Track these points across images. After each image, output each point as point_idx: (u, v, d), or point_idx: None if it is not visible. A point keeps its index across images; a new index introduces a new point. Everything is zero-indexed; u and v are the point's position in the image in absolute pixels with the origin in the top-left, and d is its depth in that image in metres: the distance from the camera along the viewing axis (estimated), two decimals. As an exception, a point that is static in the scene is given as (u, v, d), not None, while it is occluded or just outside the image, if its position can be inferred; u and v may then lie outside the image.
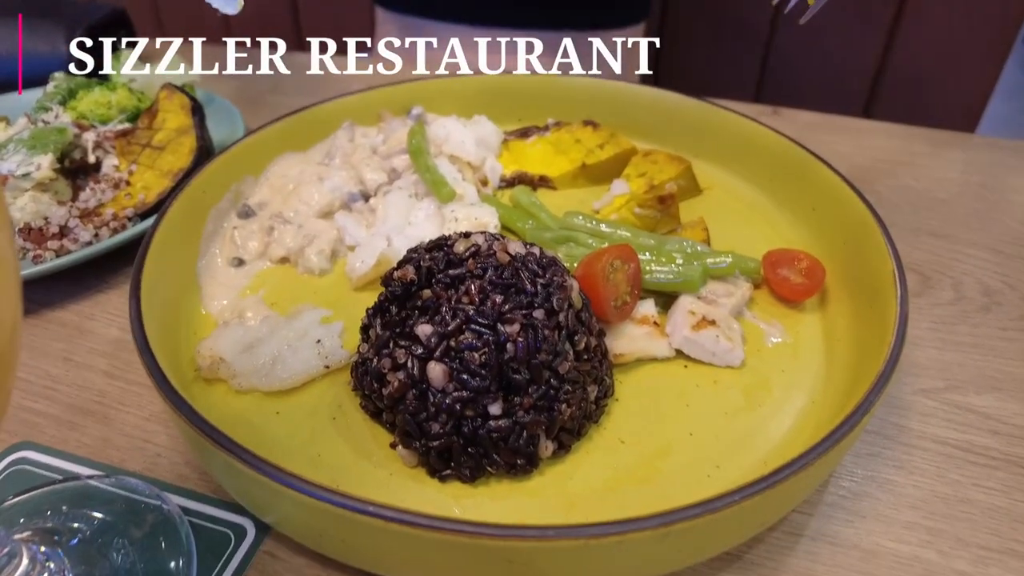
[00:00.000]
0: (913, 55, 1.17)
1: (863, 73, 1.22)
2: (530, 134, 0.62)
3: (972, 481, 0.39)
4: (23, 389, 0.45)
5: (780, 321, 0.46)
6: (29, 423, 0.42)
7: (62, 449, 0.41)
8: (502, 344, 0.34)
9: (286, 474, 0.30)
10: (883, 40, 1.15)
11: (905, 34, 1.15)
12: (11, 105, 0.70)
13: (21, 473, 0.40)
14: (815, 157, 0.53)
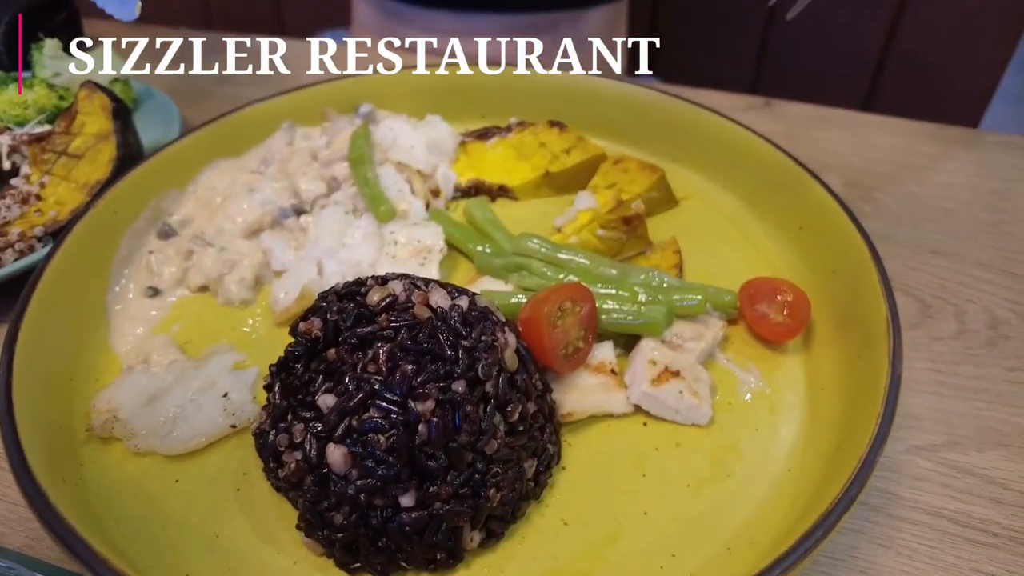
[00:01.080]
0: (919, 37, 1.09)
1: (866, 56, 1.14)
2: (490, 135, 0.56)
3: (971, 565, 0.34)
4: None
5: (757, 365, 0.40)
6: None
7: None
8: (413, 425, 0.29)
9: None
10: (888, 21, 1.07)
11: (911, 15, 1.06)
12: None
13: None
14: (805, 170, 0.47)
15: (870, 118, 0.66)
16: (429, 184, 0.53)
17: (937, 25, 1.07)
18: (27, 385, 0.35)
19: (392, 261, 0.45)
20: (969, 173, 0.60)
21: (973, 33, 1.07)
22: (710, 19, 1.23)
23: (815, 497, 0.32)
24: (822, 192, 0.45)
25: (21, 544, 0.35)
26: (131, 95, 0.64)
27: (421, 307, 0.31)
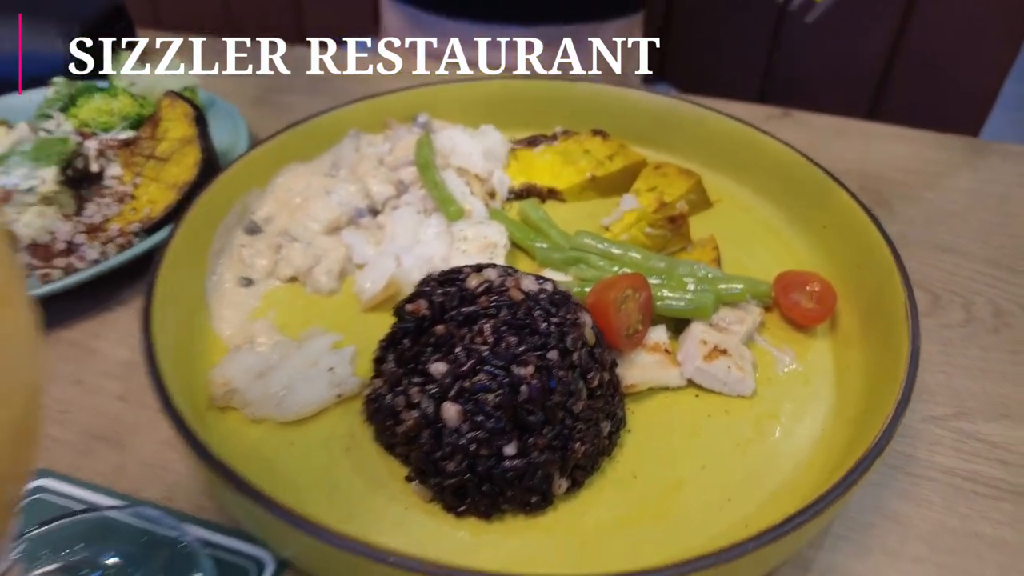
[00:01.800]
0: (924, 43, 1.16)
1: (873, 61, 1.20)
2: (538, 143, 0.62)
3: (980, 514, 0.39)
4: (35, 412, 0.45)
5: (791, 347, 0.46)
6: (45, 449, 0.43)
7: (78, 477, 0.41)
8: (516, 386, 0.34)
9: (301, 517, 0.31)
10: (895, 27, 1.14)
11: (917, 21, 1.13)
12: (9, 106, 0.69)
13: (40, 503, 0.40)
14: (827, 175, 0.52)
15: (882, 128, 0.72)
16: (486, 187, 0.58)
17: (942, 31, 1.13)
18: (160, 361, 0.40)
19: (463, 255, 0.50)
20: (975, 179, 0.65)
21: (975, 40, 1.13)
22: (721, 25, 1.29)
23: (846, 454, 0.37)
24: (844, 195, 0.51)
25: (159, 498, 0.40)
26: (199, 103, 0.70)
27: (515, 290, 0.36)
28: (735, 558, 0.29)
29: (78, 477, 0.41)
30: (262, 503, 0.31)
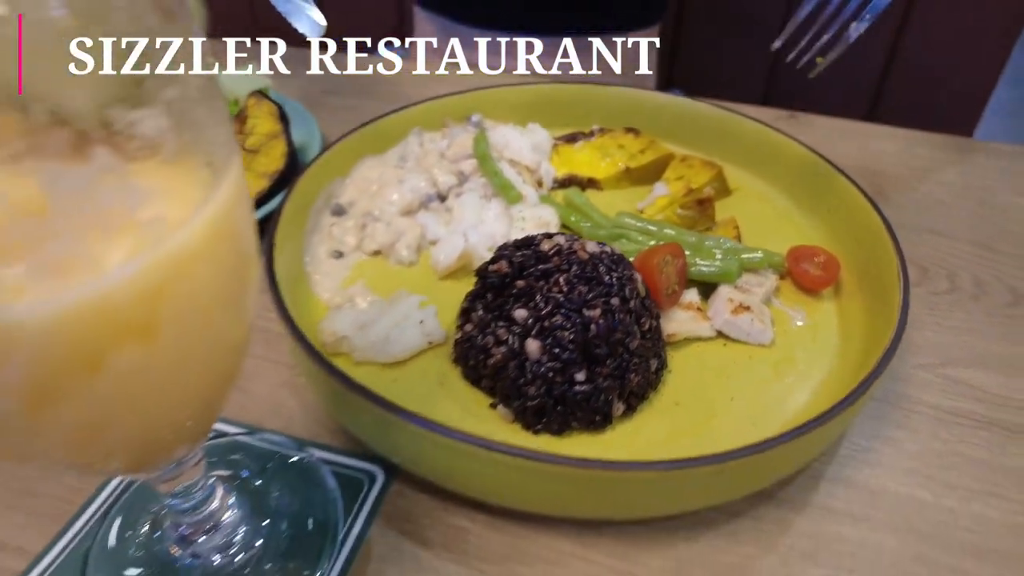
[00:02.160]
0: (919, 52, 1.25)
1: (870, 69, 1.30)
2: (577, 139, 0.71)
3: (959, 439, 0.47)
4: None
5: (802, 308, 0.54)
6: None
7: (212, 410, 0.49)
8: (587, 325, 0.42)
9: (422, 416, 0.39)
10: (890, 39, 1.23)
11: (912, 31, 1.22)
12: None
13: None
14: (831, 165, 0.61)
15: (879, 128, 0.81)
16: (535, 176, 0.67)
17: (936, 40, 1.22)
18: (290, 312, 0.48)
19: (521, 232, 0.59)
20: (961, 173, 0.74)
21: (968, 48, 1.22)
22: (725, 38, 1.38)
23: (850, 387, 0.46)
24: (846, 183, 0.59)
25: (279, 428, 0.48)
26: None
27: (581, 251, 0.45)
28: (764, 450, 0.37)
29: (212, 410, 0.50)
30: (387, 406, 0.39)
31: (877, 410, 0.49)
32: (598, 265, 0.44)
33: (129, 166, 0.23)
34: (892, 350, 0.45)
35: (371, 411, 0.40)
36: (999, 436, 0.48)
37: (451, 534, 0.41)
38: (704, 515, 0.42)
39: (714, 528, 0.42)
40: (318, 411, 0.49)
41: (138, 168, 0.23)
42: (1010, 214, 0.69)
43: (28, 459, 0.29)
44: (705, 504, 0.41)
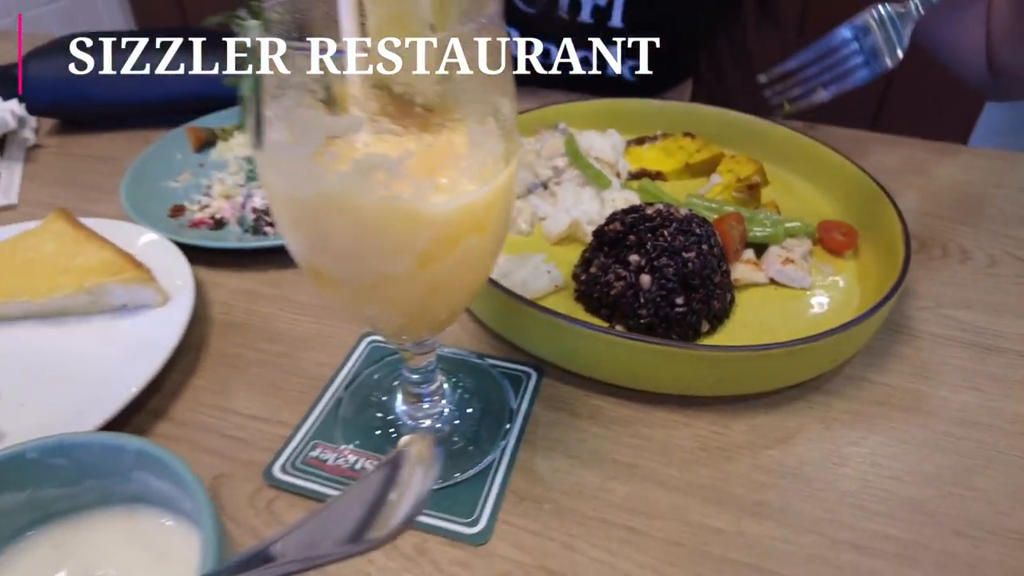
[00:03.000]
0: (912, 79, 1.44)
1: (871, 92, 1.49)
2: (644, 142, 0.88)
3: (950, 354, 0.65)
4: (348, 304, 0.70)
5: (830, 264, 0.72)
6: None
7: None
8: (685, 263, 0.60)
9: (585, 321, 0.56)
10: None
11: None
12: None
13: (376, 347, 0.66)
14: (848, 160, 0.79)
15: (883, 136, 0.99)
16: (614, 170, 0.84)
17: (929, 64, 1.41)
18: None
19: (612, 210, 0.76)
20: (950, 171, 0.92)
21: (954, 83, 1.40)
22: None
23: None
24: (860, 173, 0.77)
25: (450, 344, 0.65)
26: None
27: (676, 213, 0.62)
28: (827, 336, 0.55)
29: (394, 336, 0.66)
30: (554, 314, 0.56)
31: (889, 335, 0.66)
32: (691, 222, 0.62)
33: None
34: (900, 282, 0.62)
35: (539, 319, 0.57)
36: (979, 352, 0.65)
37: (592, 410, 0.58)
38: (772, 397, 0.59)
39: (779, 406, 0.59)
40: (477, 332, 0.66)
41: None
42: (987, 200, 0.87)
43: (391, 309, 0.45)
44: (772, 386, 0.58)
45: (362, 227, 0.38)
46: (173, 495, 0.41)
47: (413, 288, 0.41)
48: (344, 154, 0.36)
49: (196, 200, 0.83)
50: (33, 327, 0.65)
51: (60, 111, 1.03)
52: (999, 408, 0.59)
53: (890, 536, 0.49)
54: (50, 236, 0.70)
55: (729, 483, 0.52)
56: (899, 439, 0.56)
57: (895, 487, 0.52)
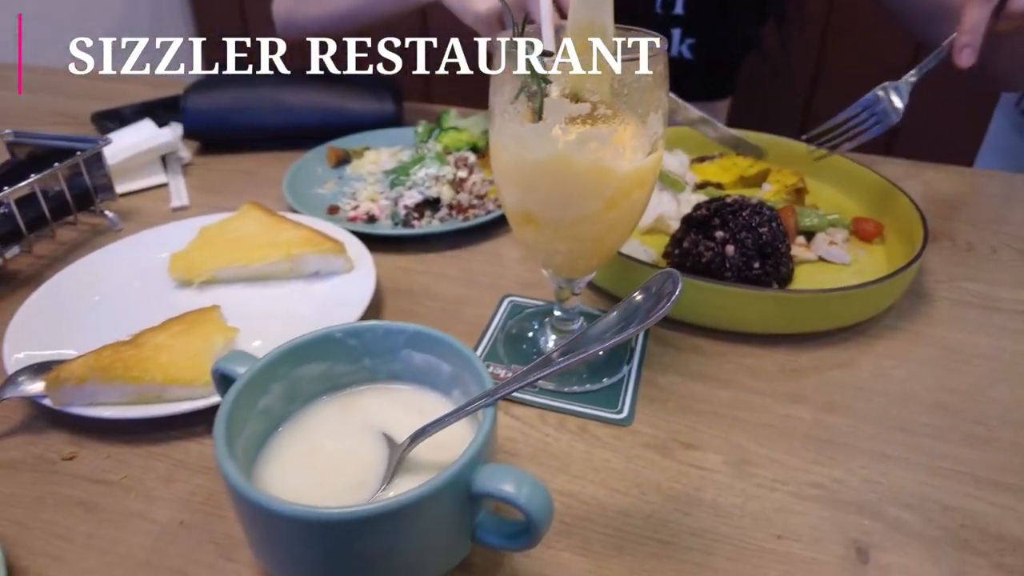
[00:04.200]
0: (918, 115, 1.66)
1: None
2: (704, 160, 1.09)
3: (962, 312, 0.83)
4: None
5: (863, 248, 0.91)
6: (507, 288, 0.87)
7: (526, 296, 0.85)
8: (761, 236, 0.79)
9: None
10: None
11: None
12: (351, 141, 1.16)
13: (515, 305, 0.84)
14: (873, 172, 0.99)
15: (894, 160, 1.20)
16: (683, 180, 1.04)
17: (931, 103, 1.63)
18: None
19: (687, 208, 0.95)
20: (953, 186, 1.12)
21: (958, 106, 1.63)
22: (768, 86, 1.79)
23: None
24: (882, 180, 0.97)
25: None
26: (486, 140, 1.17)
27: (751, 201, 0.82)
28: (874, 283, 0.73)
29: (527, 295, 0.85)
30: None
31: (913, 299, 0.85)
32: (762, 206, 0.81)
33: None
34: (923, 247, 0.81)
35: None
36: (984, 311, 0.83)
37: (693, 346, 0.76)
38: (828, 337, 0.77)
39: (835, 344, 0.77)
40: (593, 297, 0.84)
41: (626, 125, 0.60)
42: (984, 206, 1.07)
43: (577, 244, 0.63)
44: (829, 325, 0.76)
45: (574, 179, 0.57)
46: (429, 368, 0.58)
47: (596, 227, 0.60)
48: (569, 129, 0.55)
49: (346, 202, 1.02)
50: (243, 288, 0.83)
51: (210, 135, 1.23)
52: (1002, 346, 0.77)
53: (927, 423, 0.67)
54: (249, 220, 0.89)
55: (804, 392, 0.70)
56: (928, 366, 0.74)
57: (927, 395, 0.70)
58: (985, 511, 0.58)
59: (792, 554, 0.54)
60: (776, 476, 0.61)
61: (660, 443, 0.64)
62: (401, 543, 0.44)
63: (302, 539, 0.44)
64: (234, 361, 0.55)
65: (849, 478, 0.61)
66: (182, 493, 0.59)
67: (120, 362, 0.63)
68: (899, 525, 0.57)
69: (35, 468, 0.62)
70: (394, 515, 0.43)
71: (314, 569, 0.46)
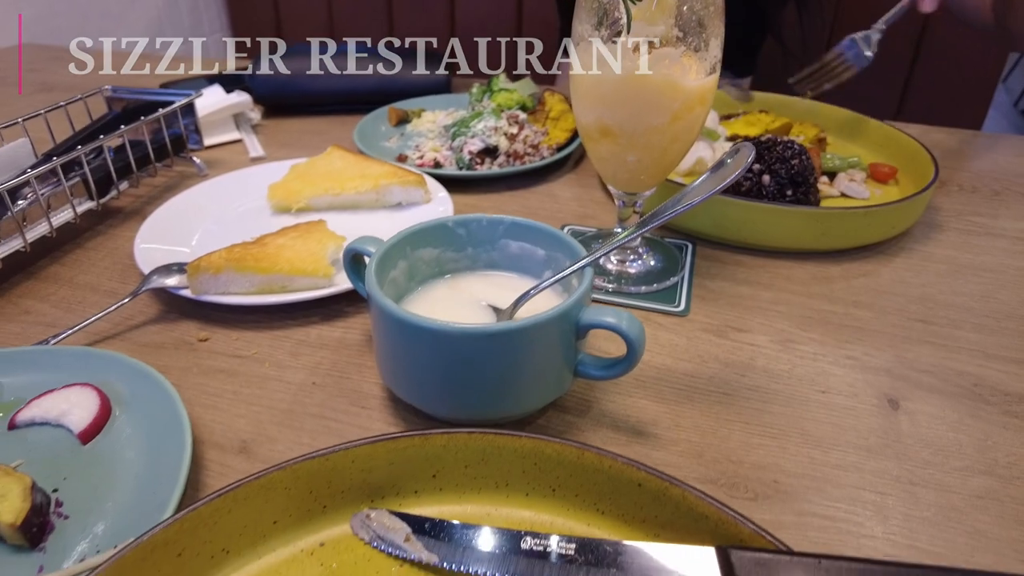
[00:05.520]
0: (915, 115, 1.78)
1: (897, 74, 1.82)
2: (731, 117, 1.20)
3: (969, 239, 0.94)
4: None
5: (879, 188, 1.02)
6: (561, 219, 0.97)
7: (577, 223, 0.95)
8: (792, 167, 0.90)
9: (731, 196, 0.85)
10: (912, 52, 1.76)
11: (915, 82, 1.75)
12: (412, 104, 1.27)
13: (574, 231, 0.94)
14: (890, 126, 1.10)
15: (904, 125, 1.31)
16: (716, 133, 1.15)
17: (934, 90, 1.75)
18: (620, 177, 0.95)
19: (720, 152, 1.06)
20: (962, 146, 1.24)
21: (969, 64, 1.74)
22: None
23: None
24: (896, 131, 1.08)
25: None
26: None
27: (782, 139, 0.93)
28: (891, 204, 0.84)
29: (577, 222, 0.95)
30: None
31: (925, 228, 0.95)
32: (792, 143, 0.92)
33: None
34: (935, 177, 0.92)
35: (699, 198, 0.86)
36: (990, 238, 0.94)
37: (735, 261, 0.87)
38: (853, 254, 0.88)
39: (859, 259, 0.87)
40: (641, 226, 0.95)
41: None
42: (989, 160, 1.18)
43: (645, 153, 0.74)
44: (855, 243, 0.87)
45: (647, 93, 0.67)
46: (523, 254, 0.69)
47: (662, 137, 0.71)
48: (645, 49, 0.66)
49: (412, 152, 1.13)
50: (334, 215, 0.94)
51: (276, 99, 1.34)
52: (1007, 263, 0.88)
53: (942, 316, 0.77)
54: (335, 159, 1.00)
55: (834, 294, 0.81)
56: (942, 276, 0.85)
57: (942, 297, 0.81)
58: (994, 376, 0.68)
59: (835, 403, 0.64)
60: (816, 351, 0.71)
61: (715, 328, 0.74)
62: (522, 361, 0.55)
63: (442, 353, 0.54)
64: (364, 242, 0.65)
65: (878, 353, 0.71)
66: (309, 363, 0.70)
67: (251, 256, 0.74)
68: (922, 384, 0.67)
69: (177, 348, 0.72)
70: (521, 332, 0.53)
71: (446, 382, 0.56)
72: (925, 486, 0.56)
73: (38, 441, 0.59)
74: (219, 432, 0.61)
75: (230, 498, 0.45)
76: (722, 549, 0.40)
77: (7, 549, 0.49)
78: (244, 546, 0.47)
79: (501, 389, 0.56)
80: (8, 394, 0.63)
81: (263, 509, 0.47)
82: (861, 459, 0.59)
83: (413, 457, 0.50)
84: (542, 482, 0.50)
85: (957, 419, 0.63)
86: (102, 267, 0.87)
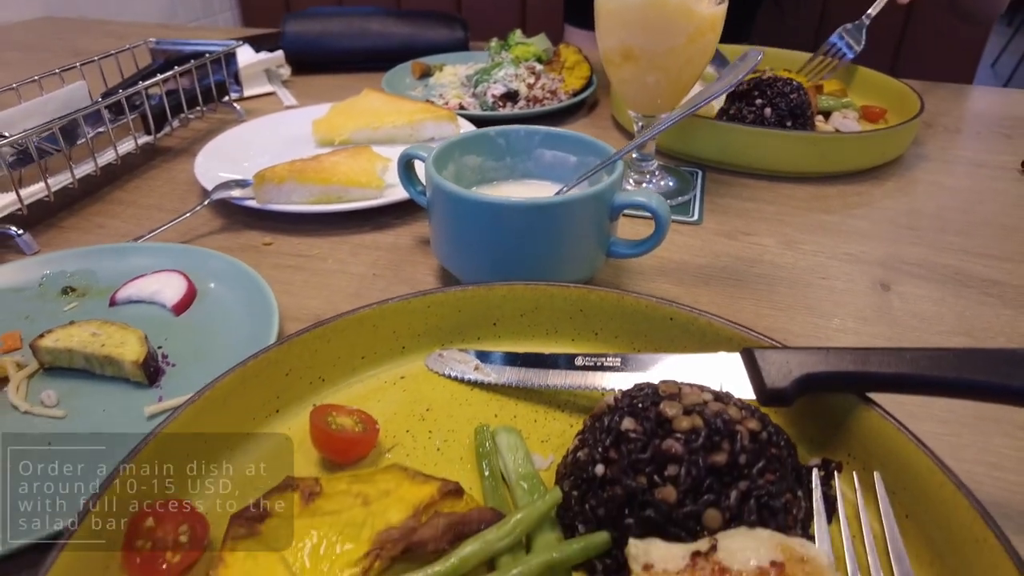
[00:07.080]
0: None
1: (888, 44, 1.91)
2: (735, 70, 1.29)
3: (957, 167, 1.03)
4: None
5: (870, 125, 1.11)
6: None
7: (603, 158, 1.04)
8: (791, 101, 0.98)
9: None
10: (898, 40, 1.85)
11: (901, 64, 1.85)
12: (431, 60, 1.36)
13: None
14: (876, 72, 1.19)
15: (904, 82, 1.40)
16: (718, 83, 1.24)
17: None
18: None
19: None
20: (948, 95, 1.33)
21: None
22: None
23: (903, 144, 1.01)
24: (884, 77, 1.17)
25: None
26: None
27: (783, 77, 1.01)
28: (890, 128, 0.93)
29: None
30: (714, 120, 0.94)
31: (916, 160, 1.04)
32: (791, 81, 1.01)
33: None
34: (921, 109, 1.01)
35: (707, 126, 0.95)
36: (972, 166, 1.03)
37: (740, 185, 0.96)
38: (850, 178, 0.96)
39: (855, 183, 0.96)
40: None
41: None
42: (973, 108, 1.27)
43: (663, 74, 0.83)
44: (851, 167, 0.96)
45: (667, 16, 0.76)
46: (556, 162, 0.77)
47: (678, 59, 0.79)
48: (665, -24, 0.74)
49: (437, 100, 1.21)
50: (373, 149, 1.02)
51: (305, 56, 1.42)
52: (986, 186, 0.97)
53: (928, 223, 0.86)
54: (373, 98, 1.08)
55: (831, 208, 0.90)
56: (928, 196, 0.94)
57: (928, 210, 0.90)
58: (972, 267, 0.77)
59: (834, 286, 0.73)
60: (817, 249, 0.80)
61: (726, 232, 0.83)
62: (565, 234, 0.63)
63: (497, 226, 0.62)
64: (417, 149, 0.73)
65: (871, 250, 0.80)
66: (367, 260, 0.78)
67: (311, 168, 0.82)
68: (911, 273, 0.76)
69: (244, 251, 0.80)
70: (566, 206, 0.62)
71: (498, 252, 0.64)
72: (912, 344, 0.65)
73: (137, 314, 0.67)
74: (295, 309, 0.69)
75: (329, 328, 0.54)
76: (747, 350, 0.49)
77: (131, 385, 0.58)
78: (337, 376, 0.55)
79: (545, 261, 0.64)
80: (103, 281, 0.71)
81: (354, 343, 0.55)
82: (858, 325, 0.67)
83: (478, 305, 0.58)
84: (586, 327, 0.58)
85: (940, 297, 0.72)
86: (162, 192, 0.94)
